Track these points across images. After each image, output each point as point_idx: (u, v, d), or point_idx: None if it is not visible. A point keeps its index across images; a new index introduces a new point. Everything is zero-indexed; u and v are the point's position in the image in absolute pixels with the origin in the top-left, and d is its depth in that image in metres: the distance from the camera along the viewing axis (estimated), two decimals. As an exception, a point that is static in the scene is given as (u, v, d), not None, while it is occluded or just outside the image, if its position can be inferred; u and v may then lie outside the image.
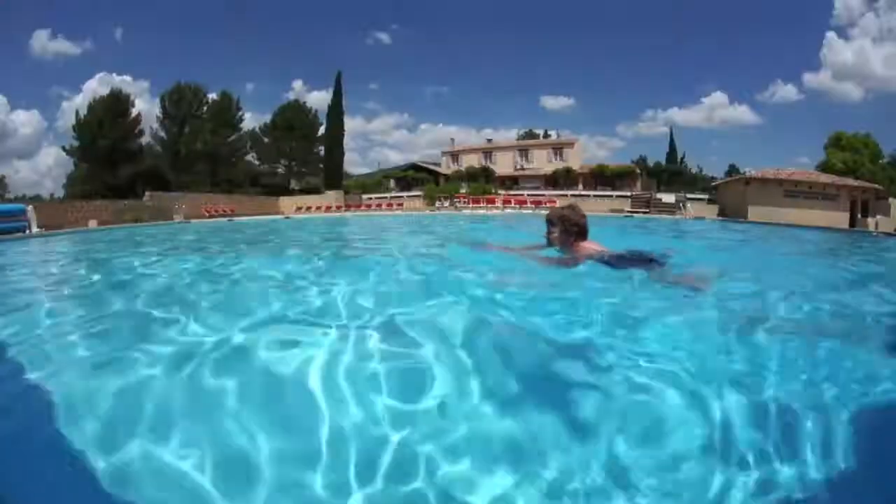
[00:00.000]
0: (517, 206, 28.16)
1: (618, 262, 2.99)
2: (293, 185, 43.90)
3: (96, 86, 41.64)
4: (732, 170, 47.16)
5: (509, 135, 54.23)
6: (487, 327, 2.04)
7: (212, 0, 65.76)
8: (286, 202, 34.64)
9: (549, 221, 3.33)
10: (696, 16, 66.75)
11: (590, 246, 3.20)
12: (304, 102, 44.21)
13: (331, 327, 1.97)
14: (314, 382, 1.46)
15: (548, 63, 79.06)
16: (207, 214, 26.25)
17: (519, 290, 2.76)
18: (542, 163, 39.69)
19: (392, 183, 42.74)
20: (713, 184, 34.04)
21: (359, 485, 1.07)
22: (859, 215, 22.79)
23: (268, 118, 43.63)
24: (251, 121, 47.35)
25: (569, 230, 3.24)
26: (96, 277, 4.18)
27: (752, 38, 65.95)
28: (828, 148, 36.84)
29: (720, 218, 24.45)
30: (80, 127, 34.19)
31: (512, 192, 34.20)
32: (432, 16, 75.00)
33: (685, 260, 4.33)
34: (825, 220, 20.74)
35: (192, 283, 3.58)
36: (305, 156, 43.55)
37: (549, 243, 3.35)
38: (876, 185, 26.11)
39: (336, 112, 39.35)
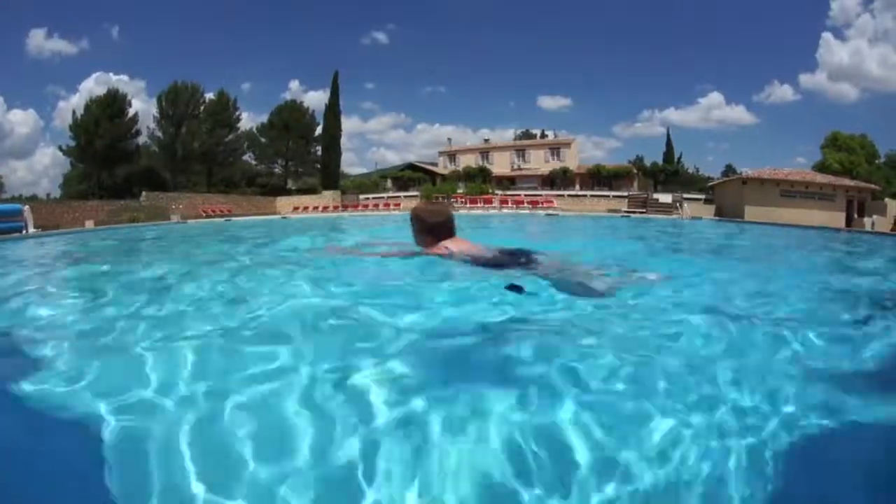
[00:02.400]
0: (514, 206, 28.18)
1: (486, 262, 2.80)
2: (290, 185, 43.88)
3: (93, 85, 41.58)
4: (729, 170, 47.43)
5: (506, 135, 54.36)
6: None
7: (209, 0, 65.87)
8: (283, 202, 34.60)
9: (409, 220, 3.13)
10: (693, 16, 67.11)
11: (450, 245, 2.98)
12: (301, 102, 44.28)
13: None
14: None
15: (545, 63, 79.37)
16: (205, 215, 26.20)
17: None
18: (539, 163, 39.76)
19: (389, 183, 42.72)
20: (710, 184, 34.15)
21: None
22: (855, 215, 22.91)
23: (265, 118, 43.69)
24: (248, 121, 47.34)
25: (420, 229, 3.07)
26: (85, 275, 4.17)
27: (748, 39, 66.39)
28: (824, 148, 37.05)
29: (717, 218, 24.53)
30: (77, 127, 34.08)
31: (509, 192, 34.23)
32: (430, 16, 75.15)
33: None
34: (822, 220, 20.84)
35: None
36: (302, 156, 43.54)
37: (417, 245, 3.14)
38: (872, 185, 26.29)
39: (333, 112, 39.32)
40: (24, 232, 12.67)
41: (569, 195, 32.68)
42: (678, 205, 27.60)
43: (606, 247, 7.18)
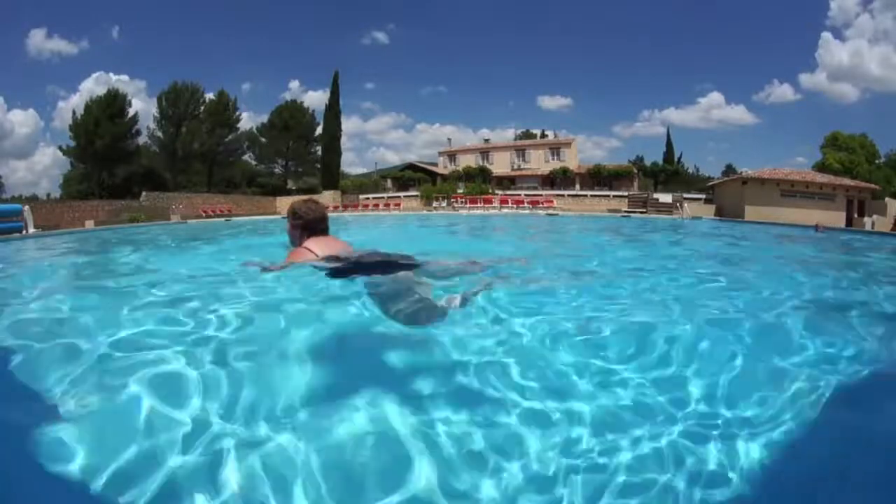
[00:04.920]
0: (514, 206, 28.18)
1: (346, 263, 2.73)
2: (290, 185, 43.90)
3: (93, 85, 41.62)
4: (729, 169, 47.44)
5: (506, 135, 54.44)
6: None
7: (209, 0, 65.89)
8: (283, 202, 34.59)
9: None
10: (693, 16, 67.12)
11: (313, 247, 2.87)
12: (301, 102, 44.30)
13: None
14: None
15: (545, 63, 79.43)
16: (204, 215, 26.19)
17: None
18: (540, 163, 39.74)
19: (389, 183, 42.74)
20: (710, 184, 34.13)
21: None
22: (855, 215, 22.90)
23: (265, 118, 43.71)
24: (248, 121, 47.41)
25: (294, 225, 3.04)
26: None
27: (748, 39, 66.40)
28: (824, 148, 37.03)
29: (717, 218, 24.53)
30: (77, 127, 34.09)
31: (509, 192, 34.22)
32: (430, 15, 75.22)
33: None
34: (822, 220, 20.78)
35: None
36: (302, 156, 43.56)
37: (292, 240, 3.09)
38: (872, 185, 26.27)
39: (333, 112, 39.31)
40: (24, 232, 12.68)
41: (569, 195, 32.67)
42: (678, 205, 27.58)
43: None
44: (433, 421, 1.27)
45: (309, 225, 2.99)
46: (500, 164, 40.94)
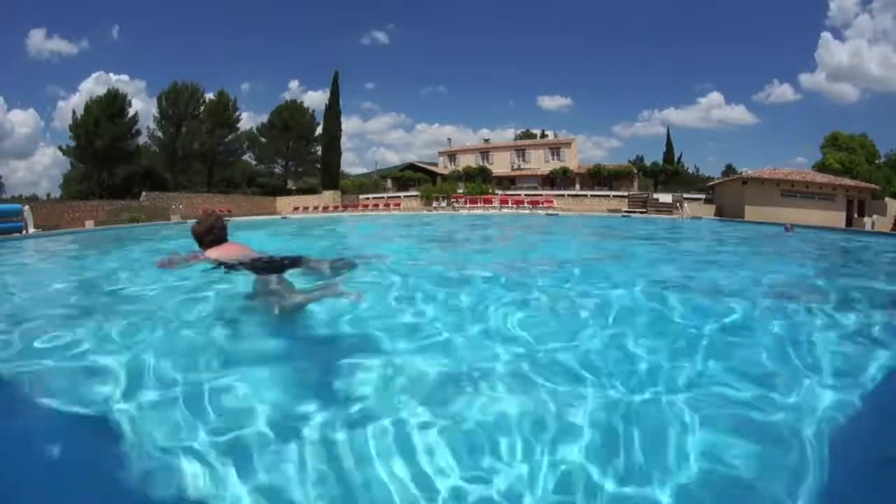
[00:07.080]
0: (514, 206, 28.17)
1: (244, 265, 3.12)
2: (290, 185, 43.84)
3: (93, 85, 41.63)
4: (729, 169, 47.39)
5: (506, 135, 54.44)
6: None
7: (209, 0, 65.87)
8: (283, 202, 34.62)
9: None
10: (693, 16, 67.09)
11: (211, 253, 3.27)
12: (301, 102, 44.20)
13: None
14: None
15: (545, 63, 79.37)
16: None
17: None
18: (540, 163, 39.71)
19: (389, 183, 42.70)
20: (710, 184, 34.08)
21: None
22: (856, 215, 22.88)
23: (265, 118, 43.62)
24: (248, 121, 47.41)
25: (194, 239, 3.36)
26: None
27: (748, 39, 66.35)
28: (824, 148, 36.98)
29: (717, 218, 24.52)
30: (77, 127, 34.03)
31: (509, 192, 34.21)
32: (430, 15, 75.18)
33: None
34: (822, 220, 20.80)
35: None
36: (302, 156, 43.48)
37: None
38: (872, 185, 26.24)
39: (333, 112, 39.24)
40: (24, 232, 12.67)
41: (569, 195, 32.66)
42: (678, 205, 27.58)
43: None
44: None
45: (200, 238, 3.34)
46: (500, 164, 40.92)
